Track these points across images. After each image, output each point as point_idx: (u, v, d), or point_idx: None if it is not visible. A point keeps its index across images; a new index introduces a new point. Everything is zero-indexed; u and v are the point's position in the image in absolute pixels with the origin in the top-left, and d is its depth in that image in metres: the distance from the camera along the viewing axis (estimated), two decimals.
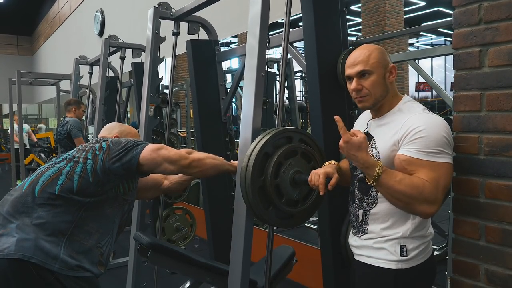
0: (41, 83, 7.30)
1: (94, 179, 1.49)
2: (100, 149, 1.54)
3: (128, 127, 1.90)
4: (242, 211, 1.59)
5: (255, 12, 1.66)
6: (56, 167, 1.52)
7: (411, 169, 1.24)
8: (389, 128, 1.34)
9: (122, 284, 2.82)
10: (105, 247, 1.57)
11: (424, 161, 1.22)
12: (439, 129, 1.24)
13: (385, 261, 1.32)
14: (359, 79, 1.36)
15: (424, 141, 1.23)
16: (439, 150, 1.23)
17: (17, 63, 14.82)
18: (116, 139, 1.61)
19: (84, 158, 1.52)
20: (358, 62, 1.35)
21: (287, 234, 3.57)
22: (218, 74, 2.86)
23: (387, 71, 1.36)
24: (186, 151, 1.61)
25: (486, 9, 1.28)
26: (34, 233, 1.40)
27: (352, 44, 2.78)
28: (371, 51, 1.36)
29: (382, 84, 1.35)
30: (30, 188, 1.48)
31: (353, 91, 1.38)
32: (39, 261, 1.37)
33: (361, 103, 1.39)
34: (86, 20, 9.22)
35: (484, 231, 1.30)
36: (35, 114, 18.55)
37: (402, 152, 1.26)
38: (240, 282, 1.61)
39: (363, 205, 1.39)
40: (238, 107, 7.49)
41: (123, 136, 1.77)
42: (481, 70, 1.30)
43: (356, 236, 1.44)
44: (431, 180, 1.21)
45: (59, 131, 4.23)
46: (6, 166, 10.95)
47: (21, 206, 1.45)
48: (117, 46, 4.02)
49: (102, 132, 1.83)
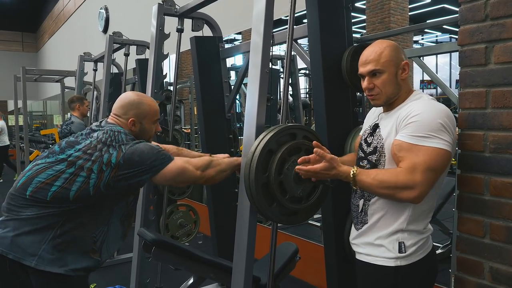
0: (46, 79, 7.34)
1: (95, 193, 1.43)
2: (108, 164, 1.42)
3: (147, 103, 1.63)
4: (245, 207, 1.60)
5: (259, 8, 1.65)
6: (54, 170, 1.42)
7: (400, 155, 1.26)
8: (394, 116, 1.35)
9: (126, 280, 2.84)
10: (100, 235, 1.51)
11: (412, 145, 1.23)
12: (435, 114, 1.24)
13: (384, 258, 1.33)
14: (370, 78, 1.36)
15: (416, 125, 1.24)
16: (430, 134, 1.22)
17: (22, 60, 14.87)
18: (128, 155, 1.45)
19: (89, 170, 1.41)
20: (369, 61, 1.35)
21: (290, 231, 3.57)
22: (222, 71, 2.86)
23: (399, 68, 1.35)
24: (202, 165, 1.57)
25: (493, 5, 1.27)
26: (16, 229, 1.40)
27: (357, 41, 2.76)
28: (383, 48, 1.35)
29: (394, 83, 1.35)
30: (23, 186, 1.43)
31: (365, 89, 1.40)
32: (16, 257, 1.37)
33: (373, 101, 1.40)
34: (90, 17, 9.23)
35: (489, 228, 1.30)
36: (40, 110, 18.61)
37: (397, 137, 1.28)
38: (244, 279, 1.61)
39: (364, 195, 1.41)
40: (242, 104, 7.48)
41: (139, 120, 1.60)
42: (487, 67, 1.30)
43: (356, 229, 1.45)
44: (407, 166, 1.22)
45: (63, 129, 4.25)
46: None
47: (13, 203, 1.44)
48: (121, 42, 4.03)
49: (117, 109, 1.62)
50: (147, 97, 1.68)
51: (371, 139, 1.41)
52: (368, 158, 1.40)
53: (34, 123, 16.90)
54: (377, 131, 1.40)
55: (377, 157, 1.36)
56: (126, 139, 1.50)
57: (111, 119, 1.62)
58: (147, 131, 1.65)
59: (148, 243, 1.87)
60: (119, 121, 1.60)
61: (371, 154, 1.39)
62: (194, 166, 1.55)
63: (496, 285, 1.28)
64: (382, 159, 1.35)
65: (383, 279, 1.34)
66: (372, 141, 1.40)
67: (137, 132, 1.61)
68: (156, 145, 1.55)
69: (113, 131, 1.52)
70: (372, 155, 1.39)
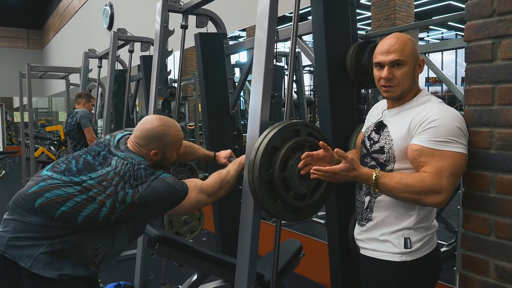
0: (51, 76, 7.36)
1: (104, 222, 1.41)
2: (122, 202, 1.38)
3: (172, 134, 1.54)
4: (249, 204, 1.59)
5: (264, 5, 1.65)
6: (66, 192, 1.38)
7: (421, 160, 1.24)
8: (404, 116, 1.33)
9: (130, 276, 2.85)
10: (103, 249, 1.48)
11: (433, 150, 1.22)
12: (452, 119, 1.24)
13: (389, 254, 1.33)
14: (391, 68, 1.32)
15: (436, 130, 1.23)
16: (451, 139, 1.22)
17: (27, 57, 14.95)
18: (145, 197, 1.40)
19: (101, 202, 1.37)
20: (393, 51, 1.30)
21: (294, 228, 3.57)
22: (226, 67, 2.85)
23: (417, 64, 1.34)
24: (214, 190, 1.57)
25: (500, 0, 1.25)
26: (17, 231, 1.40)
27: (362, 38, 2.74)
28: (406, 41, 1.32)
29: (411, 77, 1.34)
30: (33, 196, 1.40)
31: (382, 79, 1.34)
32: (12, 256, 1.37)
33: (388, 92, 1.36)
34: (95, 13, 9.26)
35: (494, 226, 1.29)
36: (45, 107, 18.71)
37: (414, 142, 1.26)
38: (247, 275, 1.61)
39: (371, 192, 1.39)
40: (246, 101, 7.48)
41: (162, 151, 1.52)
42: (494, 63, 1.28)
43: (360, 225, 1.45)
44: (432, 171, 1.21)
45: (69, 122, 4.26)
46: (17, 158, 11.08)
47: (19, 205, 1.42)
48: (125, 39, 4.04)
49: (139, 138, 1.50)
50: (172, 126, 1.55)
51: (377, 137, 1.39)
52: (373, 155, 1.39)
53: (39, 119, 16.98)
54: (384, 130, 1.37)
55: (386, 158, 1.34)
56: (145, 175, 1.43)
57: (132, 147, 1.51)
58: (169, 159, 1.59)
59: (152, 239, 1.88)
60: (140, 151, 1.50)
61: (378, 153, 1.37)
62: (207, 194, 1.55)
63: (501, 283, 1.27)
64: (392, 160, 1.33)
65: (387, 274, 1.34)
66: (379, 139, 1.38)
67: (158, 161, 1.55)
68: (172, 182, 1.46)
69: (133, 164, 1.44)
70: (378, 154, 1.37)
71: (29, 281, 1.39)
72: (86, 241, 1.44)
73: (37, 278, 1.38)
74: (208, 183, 1.57)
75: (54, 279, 1.39)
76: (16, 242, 1.39)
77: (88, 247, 1.45)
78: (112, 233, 1.49)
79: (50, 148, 7.52)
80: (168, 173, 1.52)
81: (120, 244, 1.54)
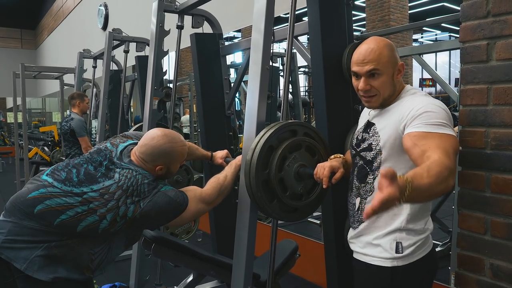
0: (45, 76, 7.32)
1: (103, 233, 1.42)
2: (123, 217, 1.39)
3: (178, 151, 1.55)
4: (246, 204, 1.60)
5: (260, 6, 1.65)
6: (66, 202, 1.38)
7: (422, 144, 1.14)
8: (391, 113, 1.31)
9: (125, 277, 2.83)
10: (99, 254, 1.48)
11: (432, 133, 1.16)
12: (439, 106, 1.22)
13: (380, 259, 1.30)
14: (367, 79, 1.29)
15: (429, 115, 1.19)
16: (444, 123, 1.18)
17: (21, 57, 14.82)
18: (146, 212, 1.41)
19: (102, 215, 1.38)
20: (368, 61, 1.27)
21: (289, 229, 3.57)
22: (222, 68, 2.85)
23: (396, 69, 1.31)
24: (213, 198, 1.58)
25: (495, 1, 1.27)
26: (13, 234, 1.39)
27: (357, 39, 2.75)
28: (381, 48, 1.27)
29: (391, 84, 1.31)
30: (33, 201, 1.39)
31: (360, 90, 1.33)
32: (8, 257, 1.37)
33: (368, 103, 1.35)
34: (89, 13, 9.21)
35: (490, 225, 1.30)
36: (39, 108, 18.58)
37: (410, 130, 1.20)
38: (244, 276, 1.61)
39: (360, 193, 1.37)
40: (241, 102, 7.48)
41: (167, 166, 1.54)
42: (489, 64, 1.29)
43: (352, 228, 1.43)
44: (440, 151, 1.11)
45: (63, 126, 4.24)
46: (10, 159, 11.00)
47: (18, 208, 1.41)
48: (121, 39, 4.02)
49: (145, 154, 1.50)
50: (178, 142, 1.56)
51: (366, 135, 1.37)
52: (361, 154, 1.37)
53: (33, 120, 16.87)
54: (372, 128, 1.35)
55: (373, 155, 1.31)
56: (148, 190, 1.44)
57: (136, 161, 1.51)
58: (173, 172, 1.62)
59: (148, 240, 1.87)
60: (145, 166, 1.51)
61: (366, 151, 1.35)
62: (207, 202, 1.57)
63: (496, 281, 1.28)
64: (379, 157, 1.30)
65: (379, 279, 1.32)
66: (367, 138, 1.36)
67: (162, 175, 1.57)
68: (174, 195, 1.47)
69: (137, 178, 1.44)
70: (366, 151, 1.34)
71: (22, 283, 1.38)
72: (83, 246, 1.43)
73: (31, 281, 1.37)
74: (207, 192, 1.58)
75: (48, 282, 1.38)
76: (12, 244, 1.38)
77: (85, 252, 1.44)
78: (109, 239, 1.49)
79: (44, 149, 7.48)
80: (169, 186, 1.52)
81: (116, 250, 1.54)
